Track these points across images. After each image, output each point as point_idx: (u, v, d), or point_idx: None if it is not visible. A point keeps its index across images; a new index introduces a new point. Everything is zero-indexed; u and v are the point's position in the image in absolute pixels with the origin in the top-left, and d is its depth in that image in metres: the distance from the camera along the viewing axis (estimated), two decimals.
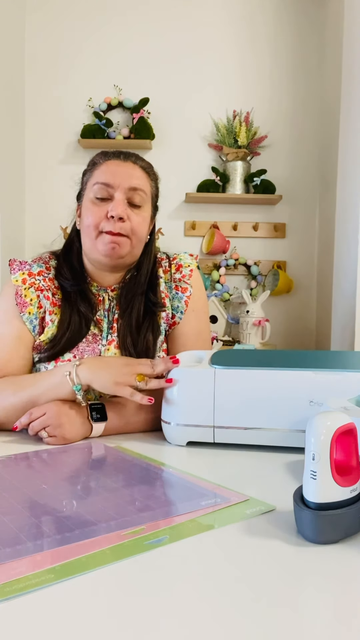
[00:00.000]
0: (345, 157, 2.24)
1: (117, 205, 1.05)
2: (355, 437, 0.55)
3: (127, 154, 1.13)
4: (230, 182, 2.78)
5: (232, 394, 0.86)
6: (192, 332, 1.15)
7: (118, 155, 1.12)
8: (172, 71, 2.85)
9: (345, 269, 2.21)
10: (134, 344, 1.09)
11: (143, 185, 1.10)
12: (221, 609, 0.42)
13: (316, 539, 0.53)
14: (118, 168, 1.09)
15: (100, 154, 1.14)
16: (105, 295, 1.14)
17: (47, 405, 0.93)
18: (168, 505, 0.64)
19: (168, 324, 1.15)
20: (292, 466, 0.78)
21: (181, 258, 1.20)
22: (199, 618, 0.41)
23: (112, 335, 1.11)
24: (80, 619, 0.41)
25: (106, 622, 0.40)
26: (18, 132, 2.80)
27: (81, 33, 2.84)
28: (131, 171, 1.10)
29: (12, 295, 1.11)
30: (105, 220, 1.06)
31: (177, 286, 1.16)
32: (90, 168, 1.14)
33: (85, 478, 0.73)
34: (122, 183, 1.07)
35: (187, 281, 1.17)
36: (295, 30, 2.85)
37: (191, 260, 1.21)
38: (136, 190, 1.08)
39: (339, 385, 0.82)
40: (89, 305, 1.11)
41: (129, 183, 1.07)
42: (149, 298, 1.13)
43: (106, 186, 1.07)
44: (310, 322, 2.91)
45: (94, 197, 1.08)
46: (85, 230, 1.10)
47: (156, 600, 0.43)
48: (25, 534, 0.55)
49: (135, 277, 1.15)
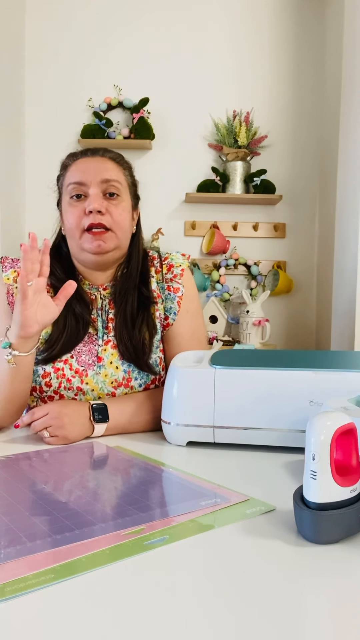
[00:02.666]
0: (345, 157, 2.24)
1: (93, 200, 1.05)
2: (355, 437, 0.55)
3: (94, 149, 1.13)
4: (230, 182, 2.78)
5: (232, 394, 0.86)
6: (186, 332, 1.14)
7: (85, 152, 1.13)
8: (172, 71, 2.85)
9: (345, 269, 2.21)
10: (130, 338, 1.08)
11: (116, 176, 1.09)
12: (221, 608, 0.42)
13: (316, 539, 0.53)
14: (87, 165, 1.09)
15: (69, 156, 1.14)
16: (97, 294, 1.13)
17: (50, 406, 0.93)
18: (168, 505, 0.64)
19: (162, 325, 1.14)
20: (292, 466, 0.78)
21: (172, 258, 1.19)
22: (199, 618, 0.41)
23: (109, 336, 1.10)
24: (80, 619, 0.41)
25: (106, 622, 0.40)
26: (18, 132, 2.80)
27: (81, 33, 2.84)
28: (101, 164, 1.10)
29: (3, 294, 1.10)
30: (85, 217, 1.05)
31: (169, 286, 1.15)
32: (62, 172, 1.14)
33: (85, 478, 0.73)
34: (94, 178, 1.07)
35: (178, 281, 1.16)
36: (296, 30, 2.85)
37: (183, 260, 1.20)
38: (109, 181, 1.08)
39: (339, 385, 0.82)
40: (84, 305, 1.10)
41: (101, 176, 1.07)
42: (142, 292, 1.13)
43: (79, 185, 1.07)
44: (310, 322, 2.91)
45: (70, 198, 1.08)
46: (69, 233, 1.09)
47: (156, 600, 0.43)
48: (26, 534, 0.55)
49: (127, 273, 1.14)
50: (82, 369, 1.07)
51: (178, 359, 0.96)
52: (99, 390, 1.07)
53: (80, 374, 1.06)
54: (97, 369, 1.07)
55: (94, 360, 1.08)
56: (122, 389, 1.08)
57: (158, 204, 2.82)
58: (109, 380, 1.07)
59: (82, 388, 1.06)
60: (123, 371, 1.08)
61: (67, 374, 1.06)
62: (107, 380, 1.07)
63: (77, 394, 1.07)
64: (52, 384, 1.06)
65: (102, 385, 1.07)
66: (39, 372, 1.07)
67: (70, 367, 1.06)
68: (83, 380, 1.06)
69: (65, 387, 1.06)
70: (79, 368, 1.07)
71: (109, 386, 1.07)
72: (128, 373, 1.08)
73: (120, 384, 1.07)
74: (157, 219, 2.83)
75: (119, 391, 1.07)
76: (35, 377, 1.06)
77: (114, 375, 1.07)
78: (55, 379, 1.06)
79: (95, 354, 1.09)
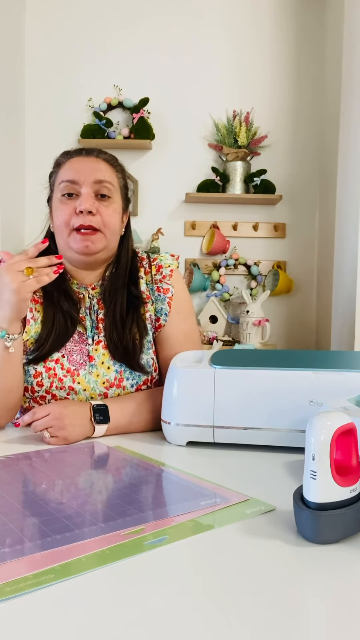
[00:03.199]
0: (345, 157, 2.24)
1: (84, 200, 1.05)
2: (355, 437, 0.55)
3: (89, 149, 1.14)
4: (230, 182, 2.78)
5: (232, 394, 0.86)
6: (179, 334, 1.14)
7: (80, 152, 1.13)
8: (172, 71, 2.85)
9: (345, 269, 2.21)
10: (120, 338, 1.08)
11: (109, 177, 1.10)
12: (221, 608, 0.42)
13: (316, 539, 0.53)
14: (81, 164, 1.09)
15: (63, 154, 1.14)
16: (85, 293, 1.13)
17: (51, 406, 0.93)
18: (168, 505, 0.64)
19: (153, 327, 1.14)
20: (292, 466, 0.78)
21: (161, 259, 1.18)
22: (199, 618, 0.41)
23: (99, 336, 1.10)
24: (80, 619, 0.41)
25: (106, 622, 0.40)
26: (18, 132, 2.80)
27: (81, 33, 2.84)
28: (95, 165, 1.10)
29: None
30: (75, 216, 1.06)
31: (159, 287, 1.15)
32: (55, 169, 1.14)
33: (85, 478, 0.73)
34: (87, 178, 1.07)
35: (167, 282, 1.15)
36: (296, 30, 2.85)
37: (172, 260, 1.19)
38: (102, 182, 1.08)
39: (339, 385, 0.83)
40: (72, 303, 1.10)
41: (94, 177, 1.07)
42: (131, 292, 1.13)
43: (72, 183, 1.07)
44: (310, 322, 2.91)
45: (61, 195, 1.08)
46: (57, 230, 1.09)
47: (156, 600, 0.43)
48: (26, 534, 0.55)
49: (115, 273, 1.14)
50: (73, 369, 1.07)
51: (178, 359, 0.96)
52: (90, 390, 1.06)
53: (72, 374, 1.06)
54: (88, 369, 1.07)
55: (85, 359, 1.08)
56: (114, 390, 1.07)
57: (158, 204, 2.82)
58: (101, 380, 1.07)
59: (74, 387, 1.06)
60: (115, 371, 1.08)
61: (58, 373, 1.06)
62: (98, 380, 1.07)
63: (69, 393, 1.06)
64: (44, 383, 1.06)
65: (94, 385, 1.07)
66: (31, 372, 1.06)
67: (61, 367, 1.06)
68: (75, 379, 1.06)
69: (57, 386, 1.06)
70: (71, 367, 1.07)
71: (101, 386, 1.07)
72: (120, 373, 1.08)
73: (112, 384, 1.07)
74: (157, 219, 2.83)
75: (111, 392, 1.07)
76: (26, 377, 1.06)
77: (106, 376, 1.07)
78: (47, 378, 1.06)
79: (87, 354, 1.08)
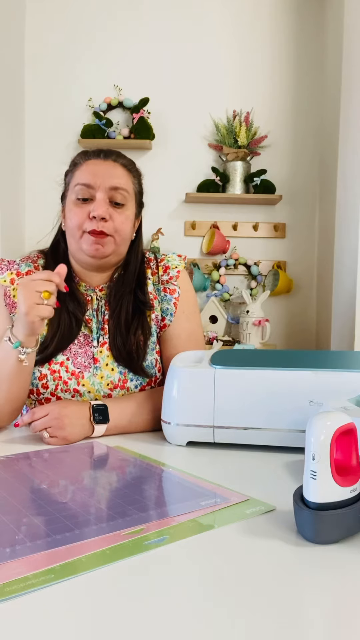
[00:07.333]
0: (345, 157, 2.24)
1: (98, 206, 1.04)
2: (355, 437, 0.55)
3: (107, 152, 1.11)
4: (230, 182, 2.78)
5: (232, 394, 0.86)
6: (183, 334, 1.14)
7: (98, 154, 1.11)
8: (172, 71, 2.84)
9: (345, 269, 2.21)
10: (124, 343, 1.08)
11: (124, 184, 1.08)
12: (221, 608, 0.42)
13: (316, 539, 0.53)
14: (98, 167, 1.08)
15: (81, 154, 1.13)
16: (93, 295, 1.13)
17: (50, 406, 0.93)
18: (168, 505, 0.64)
19: (158, 327, 1.14)
20: (292, 466, 0.78)
21: (169, 259, 1.18)
22: (199, 618, 0.41)
23: (104, 337, 1.10)
24: (80, 619, 0.41)
25: (106, 622, 0.40)
26: (18, 132, 2.79)
27: (81, 33, 2.84)
28: (112, 170, 1.08)
29: (0, 296, 1.10)
30: (88, 221, 1.05)
31: (165, 288, 1.15)
32: (71, 169, 1.12)
33: (85, 478, 0.73)
34: (103, 183, 1.06)
35: (174, 282, 1.16)
36: (296, 30, 2.85)
37: (179, 261, 1.19)
38: (117, 189, 1.07)
39: (339, 385, 0.82)
40: (78, 305, 1.10)
41: (110, 182, 1.06)
42: (138, 297, 1.12)
43: (87, 187, 1.06)
44: (310, 322, 2.91)
45: (76, 198, 1.07)
46: (69, 232, 1.09)
47: (156, 600, 0.43)
48: (26, 534, 0.55)
49: (123, 276, 1.14)
50: (78, 371, 1.07)
51: (178, 359, 0.96)
52: (95, 392, 1.07)
53: (77, 376, 1.06)
54: (93, 371, 1.07)
55: (89, 362, 1.08)
56: (118, 391, 1.08)
57: (158, 204, 2.82)
58: (105, 382, 1.07)
59: (78, 390, 1.06)
60: (119, 373, 1.08)
61: (63, 376, 1.06)
62: (103, 382, 1.07)
63: (74, 395, 1.07)
64: (49, 386, 1.06)
65: (99, 387, 1.07)
66: (36, 375, 1.06)
67: (66, 369, 1.07)
68: (79, 382, 1.06)
69: (61, 389, 1.06)
70: (75, 370, 1.07)
71: (105, 388, 1.07)
72: (124, 375, 1.08)
73: (117, 385, 1.07)
74: (157, 219, 2.83)
75: (115, 393, 1.08)
76: (32, 379, 1.06)
77: (110, 377, 1.07)
78: (52, 381, 1.06)
79: (91, 356, 1.08)
